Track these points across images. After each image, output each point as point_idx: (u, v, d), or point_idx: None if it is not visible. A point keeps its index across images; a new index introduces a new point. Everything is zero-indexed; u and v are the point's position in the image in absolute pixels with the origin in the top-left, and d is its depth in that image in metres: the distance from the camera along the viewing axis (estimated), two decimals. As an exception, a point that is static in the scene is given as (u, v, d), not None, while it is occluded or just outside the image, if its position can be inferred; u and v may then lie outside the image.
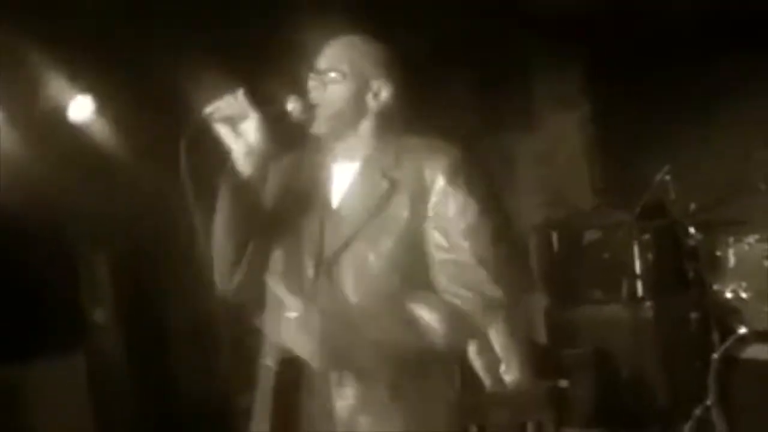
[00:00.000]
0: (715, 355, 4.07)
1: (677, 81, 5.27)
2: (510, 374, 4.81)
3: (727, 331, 4.24)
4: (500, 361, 4.82)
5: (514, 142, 6.22)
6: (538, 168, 6.21)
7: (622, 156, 5.60)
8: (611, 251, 5.20)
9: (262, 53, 4.24)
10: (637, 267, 5.03)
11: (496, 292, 2.10)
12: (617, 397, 5.02)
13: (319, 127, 2.18)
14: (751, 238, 4.21)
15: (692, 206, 4.58)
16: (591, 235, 5.45)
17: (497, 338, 4.87)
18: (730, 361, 4.05)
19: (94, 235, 4.72)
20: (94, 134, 4.43)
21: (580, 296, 5.40)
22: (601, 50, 5.59)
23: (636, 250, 5.02)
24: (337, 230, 2.15)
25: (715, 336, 4.29)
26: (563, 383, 5.06)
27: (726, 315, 4.31)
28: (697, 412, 4.36)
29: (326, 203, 2.20)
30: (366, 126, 2.20)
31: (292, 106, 2.16)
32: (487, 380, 4.71)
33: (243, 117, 2.09)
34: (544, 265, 5.67)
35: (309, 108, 2.16)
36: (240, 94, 2.10)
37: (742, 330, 4.03)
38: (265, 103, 2.14)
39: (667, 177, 4.75)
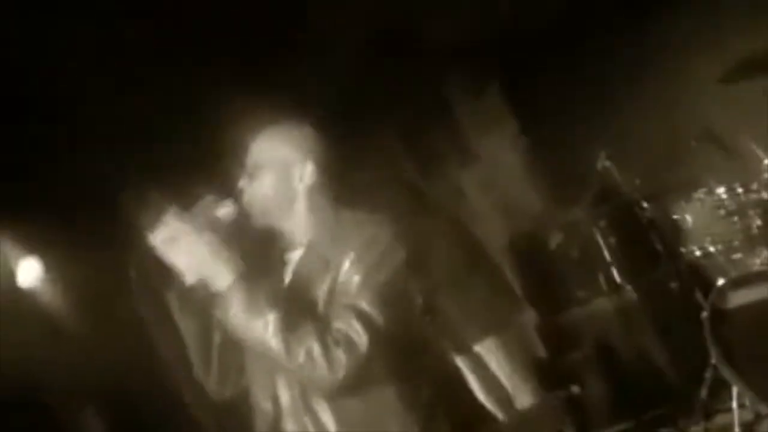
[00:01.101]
0: (704, 314, 4.11)
1: (592, 65, 5.37)
2: (521, 400, 4.82)
3: (710, 288, 4.28)
4: (507, 391, 4.83)
5: (458, 176, 6.30)
6: (487, 194, 6.29)
7: (562, 154, 5.67)
8: (578, 248, 5.25)
9: (195, 162, 4.29)
10: (607, 255, 5.07)
11: None
12: (629, 386, 5.01)
13: (257, 221, 2.27)
14: (700, 193, 4.26)
15: (637, 181, 4.67)
16: (555, 239, 5.50)
17: (498, 368, 4.89)
18: (719, 315, 4.08)
19: (76, 392, 4.66)
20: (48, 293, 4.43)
21: (565, 301, 5.43)
22: (512, 62, 5.74)
23: (599, 239, 5.07)
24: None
25: (700, 297, 4.33)
26: (575, 389, 5.07)
27: (703, 273, 4.36)
28: (707, 374, 4.39)
29: (281, 290, 2.24)
30: (300, 208, 2.28)
31: (224, 211, 2.22)
32: (500, 414, 4.72)
33: (177, 235, 2.14)
34: (523, 282, 5.71)
35: (243, 207, 2.26)
36: (171, 215, 2.16)
37: (720, 282, 4.06)
38: (202, 212, 2.22)
39: (607, 163, 4.86)
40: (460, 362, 4.90)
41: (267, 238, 2.32)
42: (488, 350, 4.91)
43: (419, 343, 2.32)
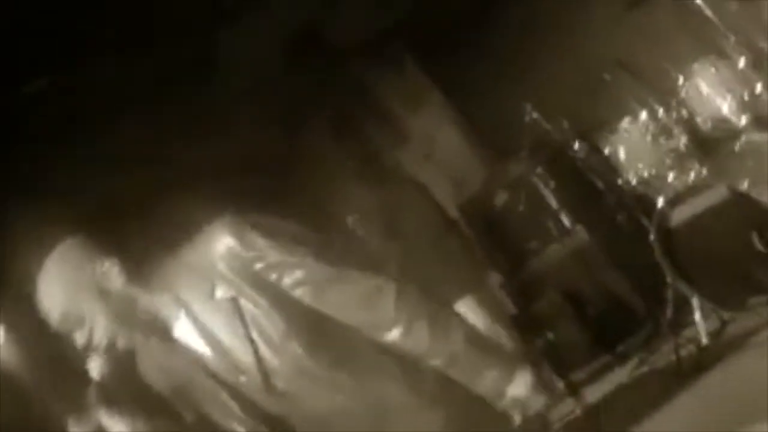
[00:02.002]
0: (651, 237, 4.24)
1: (501, 26, 5.48)
2: (502, 341, 4.93)
3: (653, 212, 4.41)
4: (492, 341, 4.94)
5: (396, 157, 6.38)
6: (427, 169, 6.38)
7: (490, 114, 5.77)
8: (524, 202, 5.36)
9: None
10: (552, 202, 5.19)
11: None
12: (598, 322, 5.14)
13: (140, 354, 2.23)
14: (625, 123, 4.39)
15: (565, 125, 4.79)
16: (501, 198, 5.60)
17: (479, 323, 5.00)
18: (666, 234, 4.21)
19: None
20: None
21: (522, 255, 5.54)
22: (423, 36, 5.84)
23: (542, 188, 5.18)
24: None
25: (646, 222, 4.45)
26: (549, 335, 5.19)
27: (644, 199, 4.48)
28: (668, 294, 4.53)
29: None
30: (147, 295, 2.20)
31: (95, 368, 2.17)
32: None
33: None
34: (479, 245, 5.81)
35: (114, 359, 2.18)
36: None
37: (660, 203, 4.19)
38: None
39: (534, 114, 4.97)
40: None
41: None
42: (464, 307, 5.02)
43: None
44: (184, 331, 2.16)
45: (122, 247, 2.17)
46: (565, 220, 5.17)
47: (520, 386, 2.19)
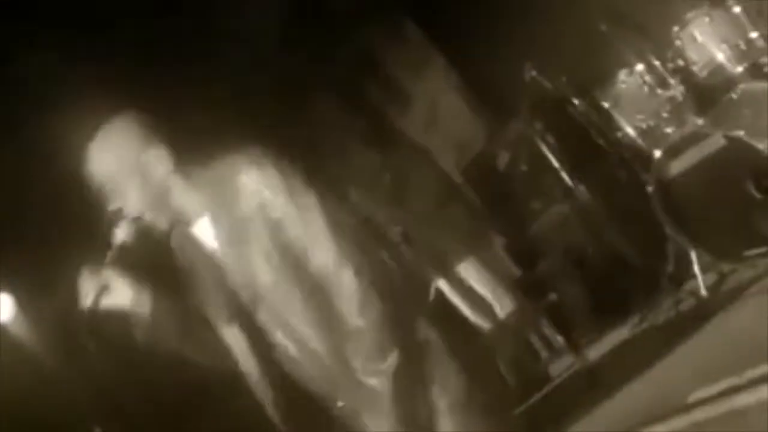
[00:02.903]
0: (649, 189, 4.21)
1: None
2: (505, 308, 4.93)
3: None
4: (489, 302, 4.96)
5: (400, 123, 6.37)
6: (432, 134, 6.36)
7: (491, 76, 5.73)
8: (526, 162, 5.33)
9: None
10: (553, 162, 5.15)
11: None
12: (602, 281, 5.12)
13: (157, 221, 2.32)
14: (622, 75, 4.35)
15: (564, 80, 4.75)
16: (503, 159, 5.58)
17: (480, 285, 5.01)
18: (664, 186, 4.18)
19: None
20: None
21: (525, 216, 5.52)
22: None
23: (543, 148, 5.14)
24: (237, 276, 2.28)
25: (646, 176, 4.41)
26: (553, 296, 5.17)
27: (642, 152, 4.43)
28: (669, 248, 4.50)
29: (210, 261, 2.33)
30: (179, 187, 2.32)
31: (122, 234, 2.26)
32: (485, 324, 4.83)
33: (106, 282, 2.21)
34: (483, 207, 5.80)
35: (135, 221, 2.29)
36: (84, 271, 2.23)
37: (657, 154, 4.15)
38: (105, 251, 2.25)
39: (533, 72, 4.93)
40: (443, 285, 5.02)
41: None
42: (468, 269, 5.02)
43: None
44: (202, 229, 2.31)
45: (172, 140, 2.33)
46: (567, 179, 5.12)
47: None
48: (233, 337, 2.26)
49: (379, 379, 2.21)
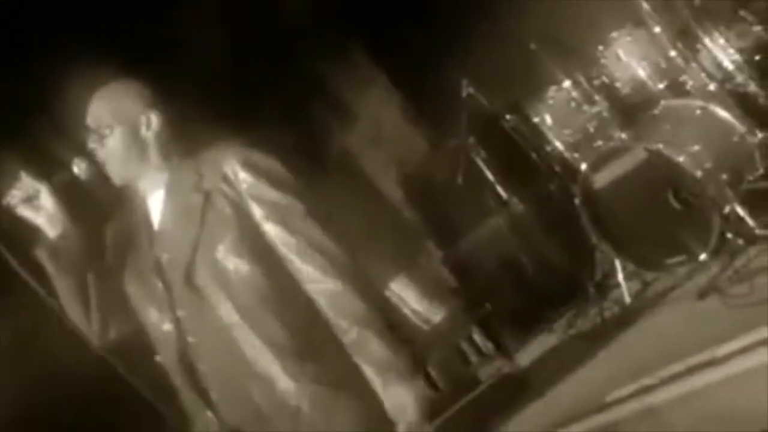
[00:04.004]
0: (577, 200, 4.38)
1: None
2: (438, 314, 5.08)
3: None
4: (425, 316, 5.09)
5: (344, 140, 6.50)
6: (374, 151, 6.49)
7: (431, 93, 5.89)
8: (461, 176, 5.47)
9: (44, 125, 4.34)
10: (488, 174, 5.31)
11: (344, 258, 2.27)
12: (534, 291, 5.27)
13: (117, 178, 2.37)
14: (551, 92, 4.53)
15: (497, 96, 4.94)
16: (441, 173, 5.73)
17: (415, 301, 5.14)
18: (591, 198, 4.35)
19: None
20: None
21: (461, 229, 5.65)
22: (365, 21, 5.95)
23: (479, 161, 5.30)
24: (175, 251, 2.30)
25: (574, 188, 4.57)
26: (488, 305, 5.31)
27: (571, 165, 4.61)
28: (597, 257, 4.68)
29: (152, 235, 2.36)
30: (154, 155, 2.38)
31: (78, 168, 2.35)
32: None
33: (35, 194, 2.26)
34: (422, 220, 5.94)
35: (98, 166, 2.35)
36: (23, 175, 2.28)
37: (583, 167, 4.32)
38: (54, 172, 2.33)
39: (470, 89, 5.11)
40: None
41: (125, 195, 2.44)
42: (403, 286, 5.15)
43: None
44: (158, 196, 2.38)
45: (167, 110, 2.41)
46: (501, 192, 5.29)
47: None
48: (145, 302, 2.32)
49: (298, 384, 2.22)
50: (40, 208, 2.26)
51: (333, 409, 2.23)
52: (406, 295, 5.15)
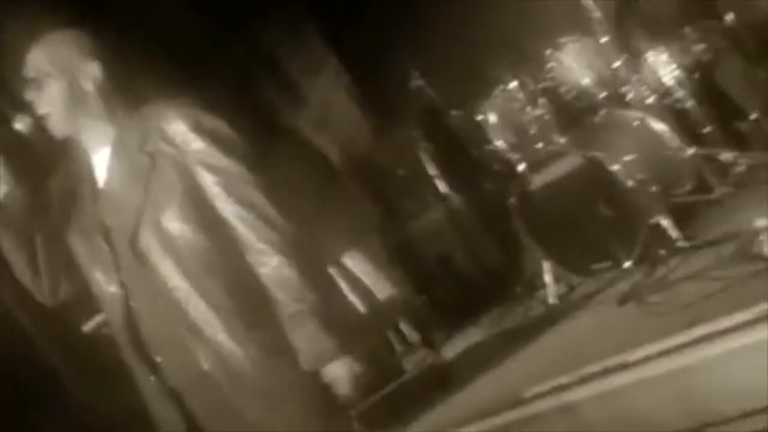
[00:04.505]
0: (511, 200, 4.46)
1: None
2: (383, 291, 5.15)
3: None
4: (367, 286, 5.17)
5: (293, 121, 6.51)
6: (322, 134, 6.52)
7: (380, 81, 5.93)
8: (404, 166, 5.55)
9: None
10: (430, 168, 5.38)
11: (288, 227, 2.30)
12: (465, 285, 5.37)
13: (58, 131, 2.34)
14: (497, 91, 4.60)
15: (445, 91, 5.01)
16: (384, 161, 5.80)
17: (364, 275, 5.22)
18: (525, 199, 4.44)
19: None
20: None
21: (400, 218, 5.73)
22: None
23: (421, 154, 5.38)
24: (120, 214, 2.31)
25: (512, 187, 4.64)
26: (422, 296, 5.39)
27: (510, 165, 4.69)
28: (526, 258, 4.78)
29: (96, 192, 2.36)
30: (98, 107, 2.36)
31: (20, 123, 2.33)
32: (362, 307, 5.05)
33: None
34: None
35: (38, 119, 2.32)
36: None
37: (520, 168, 4.41)
38: None
39: (420, 81, 5.17)
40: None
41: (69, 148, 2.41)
42: (355, 259, 5.22)
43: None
44: (104, 154, 2.36)
45: (109, 64, 2.39)
46: (440, 186, 5.37)
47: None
48: (90, 263, 2.33)
49: (243, 349, 2.26)
50: None
51: (278, 375, 2.28)
52: (356, 269, 5.23)
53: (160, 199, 2.27)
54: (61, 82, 2.32)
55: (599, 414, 3.16)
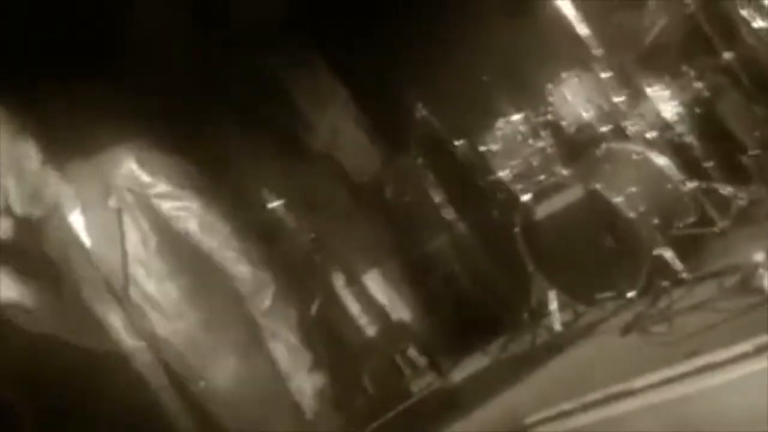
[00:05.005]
0: (516, 229, 4.58)
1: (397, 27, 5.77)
2: (398, 313, 5.29)
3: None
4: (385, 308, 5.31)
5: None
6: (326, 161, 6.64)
7: (387, 110, 6.06)
8: (409, 194, 5.66)
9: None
10: (435, 196, 5.50)
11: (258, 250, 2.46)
12: (472, 311, 5.47)
13: (30, 213, 2.45)
14: (500, 123, 4.73)
15: (449, 122, 5.14)
16: (389, 191, 5.91)
17: (381, 294, 5.35)
18: (530, 228, 4.55)
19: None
20: None
21: (410, 245, 5.82)
22: (327, 33, 6.12)
23: (426, 183, 5.50)
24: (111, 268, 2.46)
25: (516, 217, 4.77)
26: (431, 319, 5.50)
27: (514, 195, 4.81)
28: (532, 286, 4.87)
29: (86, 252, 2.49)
30: (53, 176, 2.45)
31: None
32: (370, 330, 5.18)
33: None
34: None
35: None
36: None
37: (525, 198, 4.52)
38: None
39: (424, 112, 5.29)
40: (345, 290, 5.43)
41: None
42: (372, 279, 5.36)
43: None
44: (76, 222, 2.45)
45: (43, 134, 2.45)
46: (446, 214, 5.49)
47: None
48: (111, 319, 2.44)
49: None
50: (2, 284, 2.37)
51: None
52: (373, 288, 5.36)
53: (138, 247, 2.40)
54: (12, 174, 2.38)
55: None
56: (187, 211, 2.39)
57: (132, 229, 2.39)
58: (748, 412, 2.79)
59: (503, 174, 4.76)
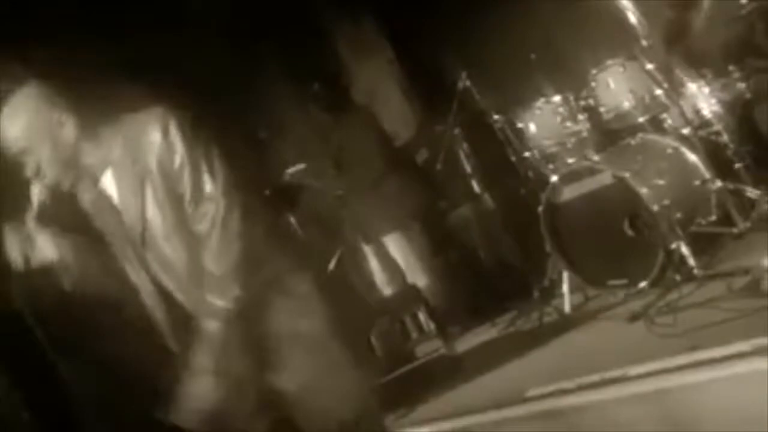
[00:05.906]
0: (540, 208, 4.62)
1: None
2: (414, 277, 5.38)
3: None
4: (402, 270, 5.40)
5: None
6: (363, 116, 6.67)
7: (429, 77, 6.10)
8: (441, 162, 5.70)
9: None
10: (467, 167, 5.55)
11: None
12: (486, 284, 5.54)
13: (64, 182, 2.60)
14: (539, 102, 4.76)
15: (490, 95, 5.17)
16: (422, 156, 5.96)
17: (400, 256, 5.43)
18: (553, 209, 4.59)
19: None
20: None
21: (434, 212, 5.87)
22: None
23: (460, 153, 5.54)
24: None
25: (541, 196, 4.80)
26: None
27: (544, 174, 4.85)
28: (548, 265, 4.93)
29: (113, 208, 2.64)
30: (87, 147, 2.60)
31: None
32: (387, 290, 5.27)
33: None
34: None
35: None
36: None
37: (553, 179, 4.56)
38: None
39: (467, 82, 5.32)
40: (366, 249, 5.58)
41: None
42: (393, 240, 5.44)
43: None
44: (106, 184, 2.61)
45: (78, 105, 2.58)
46: (475, 186, 5.54)
47: None
48: (132, 270, 2.61)
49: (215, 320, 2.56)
50: (43, 245, 2.55)
51: None
52: (394, 251, 5.44)
53: (161, 213, 2.55)
54: (47, 143, 2.53)
55: (589, 421, 3.33)
56: (198, 179, 2.55)
57: (152, 191, 2.54)
58: (738, 410, 2.84)
59: (536, 152, 4.80)
